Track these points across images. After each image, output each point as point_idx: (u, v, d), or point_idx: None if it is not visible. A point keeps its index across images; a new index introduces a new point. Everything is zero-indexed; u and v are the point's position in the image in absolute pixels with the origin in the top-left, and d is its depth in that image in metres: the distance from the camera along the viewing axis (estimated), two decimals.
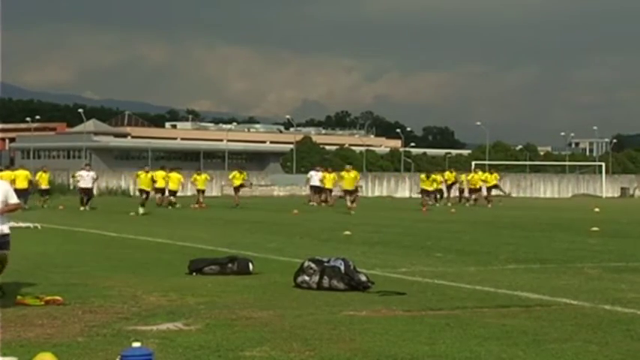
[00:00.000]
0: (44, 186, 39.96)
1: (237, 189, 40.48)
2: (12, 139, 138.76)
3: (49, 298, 9.71)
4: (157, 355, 6.64)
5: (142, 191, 37.98)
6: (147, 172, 39.29)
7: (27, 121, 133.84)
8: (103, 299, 10.03)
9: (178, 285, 11.31)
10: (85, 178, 37.51)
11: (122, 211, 33.25)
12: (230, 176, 43.21)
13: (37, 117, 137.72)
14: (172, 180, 40.05)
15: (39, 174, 40.45)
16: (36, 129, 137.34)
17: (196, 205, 38.47)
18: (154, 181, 38.94)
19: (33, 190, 38.25)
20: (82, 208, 35.54)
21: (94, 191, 39.85)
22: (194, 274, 12.44)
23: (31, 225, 22.11)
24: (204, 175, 42.05)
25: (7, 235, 10.27)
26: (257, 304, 9.77)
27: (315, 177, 44.31)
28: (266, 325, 8.41)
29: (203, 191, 40.96)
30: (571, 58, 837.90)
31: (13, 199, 10.35)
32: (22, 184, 34.83)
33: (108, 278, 12.03)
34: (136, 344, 6.36)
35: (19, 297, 9.76)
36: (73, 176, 43.47)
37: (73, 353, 7.12)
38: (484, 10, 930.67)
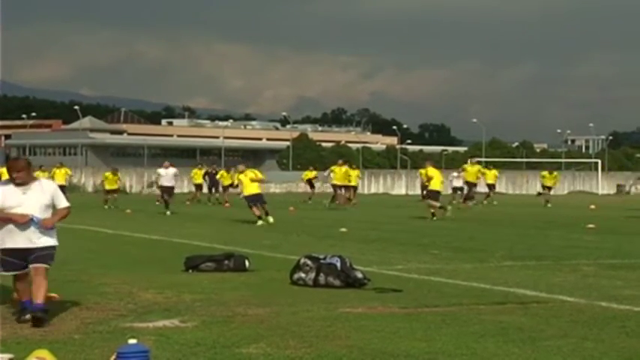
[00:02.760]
0: (59, 183, 39.00)
1: (311, 184, 43.92)
2: (7, 136, 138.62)
3: None
4: (153, 352, 6.64)
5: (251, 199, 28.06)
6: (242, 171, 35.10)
7: (23, 118, 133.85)
8: (99, 296, 10.02)
9: (174, 282, 11.31)
10: (165, 176, 31.83)
11: (119, 208, 33.22)
12: (304, 175, 45.64)
13: (33, 114, 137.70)
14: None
15: (54, 170, 39.73)
16: (32, 126, 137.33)
17: (227, 204, 37.33)
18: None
19: None
20: (168, 213, 29.45)
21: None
22: (190, 271, 12.44)
23: None
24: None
25: (53, 247, 8.63)
26: (253, 301, 9.77)
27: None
28: (262, 322, 8.41)
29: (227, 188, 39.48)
30: (568, 56, 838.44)
31: (63, 203, 8.75)
32: None
33: (104, 275, 12.03)
34: (132, 341, 6.37)
35: (15, 294, 9.75)
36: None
37: (69, 350, 7.12)
38: (481, 8, 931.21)
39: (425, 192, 32.30)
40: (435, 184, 27.82)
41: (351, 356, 7.01)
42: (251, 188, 25.19)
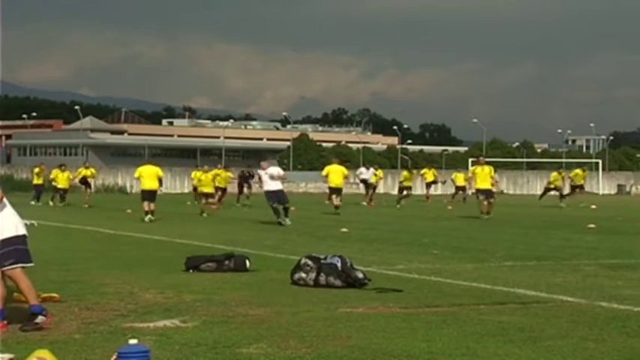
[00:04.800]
0: (62, 185, 37.27)
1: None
2: (8, 136, 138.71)
3: (45, 295, 9.68)
4: (153, 352, 6.63)
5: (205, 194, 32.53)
6: (206, 171, 34.51)
7: (23, 118, 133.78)
8: (100, 296, 10.02)
9: (175, 282, 11.31)
10: (269, 179, 25.37)
11: (119, 209, 33.22)
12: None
13: (34, 114, 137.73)
14: (61, 179, 37.73)
15: (79, 171, 39.12)
16: (32, 126, 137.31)
17: (214, 206, 35.10)
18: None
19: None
20: (287, 222, 24.23)
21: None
22: (191, 271, 12.43)
23: (27, 222, 22.06)
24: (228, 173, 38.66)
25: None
26: (254, 301, 9.77)
27: (366, 174, 42.92)
28: (263, 322, 8.41)
29: (224, 189, 37.23)
30: (568, 56, 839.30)
31: None
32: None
33: (104, 275, 12.02)
34: (133, 341, 6.37)
35: (15, 294, 9.74)
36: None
37: (69, 350, 7.12)
38: (482, 7, 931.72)
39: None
40: (331, 181, 31.03)
41: (351, 356, 7.01)
42: (150, 184, 26.62)
